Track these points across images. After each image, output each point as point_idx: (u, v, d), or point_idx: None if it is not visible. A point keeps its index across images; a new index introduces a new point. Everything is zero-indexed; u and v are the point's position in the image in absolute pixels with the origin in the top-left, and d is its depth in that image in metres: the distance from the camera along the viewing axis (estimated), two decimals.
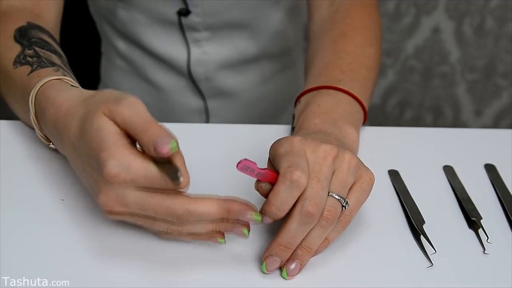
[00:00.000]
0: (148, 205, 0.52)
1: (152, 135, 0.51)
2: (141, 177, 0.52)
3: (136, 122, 0.52)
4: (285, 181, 0.54)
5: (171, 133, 0.52)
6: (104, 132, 0.53)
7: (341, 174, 0.56)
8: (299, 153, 0.56)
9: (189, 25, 0.93)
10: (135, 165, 0.51)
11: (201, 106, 1.02)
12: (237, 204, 0.53)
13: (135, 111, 0.53)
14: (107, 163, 0.51)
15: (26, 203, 0.62)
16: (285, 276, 0.56)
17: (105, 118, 0.53)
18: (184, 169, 0.52)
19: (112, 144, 0.52)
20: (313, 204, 0.54)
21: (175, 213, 0.52)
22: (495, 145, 0.75)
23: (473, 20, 1.68)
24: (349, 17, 0.81)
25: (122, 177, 0.51)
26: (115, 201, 0.52)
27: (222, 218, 0.53)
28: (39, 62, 0.67)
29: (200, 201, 0.52)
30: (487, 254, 0.60)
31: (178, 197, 0.52)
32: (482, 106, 1.83)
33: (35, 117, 0.63)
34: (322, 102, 0.68)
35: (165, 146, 0.50)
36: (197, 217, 0.52)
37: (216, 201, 0.53)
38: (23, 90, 0.65)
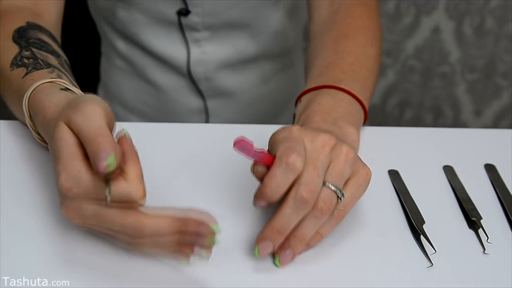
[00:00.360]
0: (103, 219, 0.52)
1: (94, 148, 0.51)
2: (92, 191, 0.51)
3: (85, 133, 0.52)
4: (281, 163, 0.53)
5: (113, 146, 0.51)
6: (61, 143, 0.53)
7: (338, 165, 0.56)
8: (297, 139, 0.55)
9: (188, 25, 0.93)
10: (85, 179, 0.51)
11: (201, 106, 1.01)
12: (193, 219, 0.52)
13: (86, 120, 0.52)
14: (60, 176, 0.51)
15: (26, 203, 0.62)
16: (278, 264, 0.57)
17: (64, 128, 0.53)
18: (135, 181, 0.51)
19: (66, 156, 0.52)
20: (307, 190, 0.54)
21: (128, 228, 0.52)
22: (495, 145, 0.75)
23: (473, 20, 1.68)
24: (349, 17, 0.81)
25: (75, 191, 0.51)
26: (75, 214, 0.53)
27: (180, 232, 0.52)
28: (34, 64, 0.67)
29: (153, 216, 0.52)
30: (487, 254, 0.60)
31: (133, 212, 0.52)
32: (482, 106, 1.83)
33: (30, 120, 0.63)
34: (323, 101, 0.68)
35: (101, 163, 0.50)
36: (151, 232, 0.52)
37: (171, 215, 0.52)
38: (18, 93, 0.65)
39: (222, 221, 0.62)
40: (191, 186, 0.66)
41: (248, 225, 0.62)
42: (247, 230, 0.61)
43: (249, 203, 0.64)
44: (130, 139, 0.55)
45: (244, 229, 0.61)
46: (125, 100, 1.04)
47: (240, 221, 0.62)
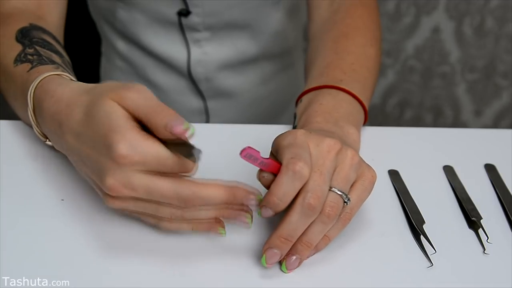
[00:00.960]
0: (156, 188, 0.52)
1: (165, 117, 0.51)
2: (152, 159, 0.52)
3: (147, 105, 0.52)
4: (288, 171, 0.53)
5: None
6: (114, 115, 0.53)
7: (343, 170, 0.56)
8: (303, 145, 0.56)
9: (189, 25, 0.93)
10: (146, 147, 0.52)
11: (201, 106, 1.02)
12: (242, 189, 0.54)
13: (144, 96, 0.53)
14: (118, 145, 0.51)
15: (26, 202, 0.62)
16: (284, 270, 0.57)
17: (113, 103, 0.53)
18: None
19: (123, 126, 0.52)
20: (314, 197, 0.54)
21: (182, 196, 0.52)
22: (495, 145, 0.75)
23: (473, 20, 1.68)
24: (349, 17, 0.81)
25: (133, 159, 0.51)
26: (123, 184, 0.52)
27: (226, 203, 0.54)
28: (39, 60, 0.67)
29: (207, 185, 0.53)
30: (487, 254, 0.60)
31: (185, 180, 0.53)
32: (482, 106, 1.83)
33: (33, 112, 0.63)
34: (324, 101, 0.68)
35: (179, 126, 0.51)
36: (203, 200, 0.53)
37: (222, 185, 0.53)
38: (23, 86, 0.65)
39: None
40: None
41: None
42: (247, 230, 0.61)
43: None
44: None
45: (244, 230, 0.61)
46: None
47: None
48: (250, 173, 0.68)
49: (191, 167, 0.53)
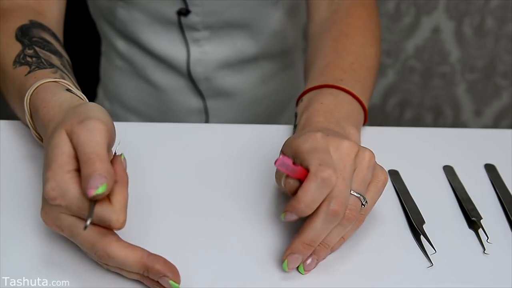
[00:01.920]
0: (76, 235, 0.53)
1: (89, 171, 0.51)
2: (75, 207, 0.52)
3: (84, 151, 0.52)
4: (316, 179, 0.53)
5: (109, 174, 0.51)
6: (56, 150, 0.53)
7: (361, 172, 0.57)
8: (326, 150, 0.56)
9: (188, 24, 0.93)
10: (72, 193, 0.52)
11: (201, 106, 1.01)
12: (159, 265, 0.52)
13: (89, 138, 0.52)
14: (48, 183, 0.52)
15: (26, 203, 0.62)
16: (302, 271, 0.57)
17: (64, 136, 0.54)
18: (119, 209, 0.52)
19: (59, 166, 0.52)
20: (339, 203, 0.54)
21: (96, 252, 0.53)
22: (495, 145, 0.75)
23: (473, 20, 1.68)
24: (349, 16, 0.81)
25: (58, 201, 0.52)
26: (52, 221, 0.54)
27: (143, 273, 0.53)
28: (37, 63, 0.67)
29: (123, 249, 0.52)
30: (487, 254, 0.60)
31: (106, 237, 0.52)
32: (482, 106, 1.83)
33: (30, 118, 0.63)
34: (325, 100, 0.68)
35: (91, 190, 0.50)
36: (116, 263, 0.53)
37: (139, 254, 0.52)
38: (20, 90, 0.65)
39: (222, 220, 0.62)
40: (191, 186, 0.66)
41: (248, 224, 0.62)
42: (247, 229, 0.61)
43: (249, 202, 0.64)
44: (125, 164, 0.55)
45: (243, 228, 0.61)
46: (125, 100, 1.04)
47: (240, 220, 0.62)
48: (249, 172, 0.68)
49: (115, 225, 0.51)
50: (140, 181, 0.62)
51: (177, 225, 0.61)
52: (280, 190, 0.65)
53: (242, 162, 0.69)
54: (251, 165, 0.69)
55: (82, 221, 0.53)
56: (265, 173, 0.67)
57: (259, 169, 0.68)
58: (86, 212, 0.52)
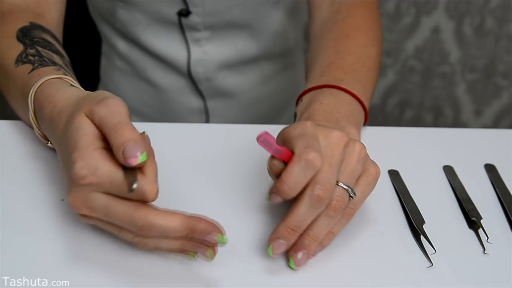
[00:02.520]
0: (113, 212, 0.52)
1: (122, 139, 0.51)
2: (107, 183, 0.51)
3: (110, 123, 0.52)
4: (300, 160, 0.53)
5: (143, 141, 0.52)
6: (80, 132, 0.53)
7: (350, 164, 0.57)
8: (313, 135, 0.56)
9: (189, 25, 0.93)
10: (102, 169, 0.51)
11: (201, 106, 1.01)
12: (203, 223, 0.52)
13: (111, 111, 0.53)
14: (76, 164, 0.51)
15: (26, 203, 0.62)
16: (293, 266, 0.57)
17: (85, 118, 0.53)
18: (152, 180, 0.52)
19: (85, 145, 0.52)
20: (323, 189, 0.54)
21: (137, 224, 0.51)
22: (495, 145, 0.75)
23: (473, 20, 1.68)
24: (350, 17, 0.81)
25: (88, 179, 0.51)
26: (82, 203, 0.52)
27: (187, 235, 0.52)
28: (40, 61, 0.67)
29: (164, 215, 0.52)
30: (487, 254, 0.60)
31: (143, 208, 0.52)
32: (482, 106, 1.83)
33: (34, 115, 0.63)
34: (325, 100, 0.68)
35: (133, 159, 0.50)
36: (159, 231, 0.52)
37: (180, 217, 0.52)
38: (23, 88, 0.65)
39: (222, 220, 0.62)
40: (191, 185, 0.66)
41: (249, 224, 0.62)
42: (248, 229, 0.61)
43: (249, 202, 0.64)
44: (149, 139, 0.55)
45: (245, 228, 0.61)
46: (125, 100, 1.03)
47: (240, 220, 0.62)
48: (249, 172, 0.68)
49: (150, 195, 0.51)
50: None
51: None
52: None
53: (242, 162, 0.69)
54: (251, 165, 0.69)
55: (115, 198, 0.52)
56: (265, 173, 0.67)
57: (259, 169, 0.68)
58: (119, 187, 0.51)
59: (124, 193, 0.51)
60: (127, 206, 0.52)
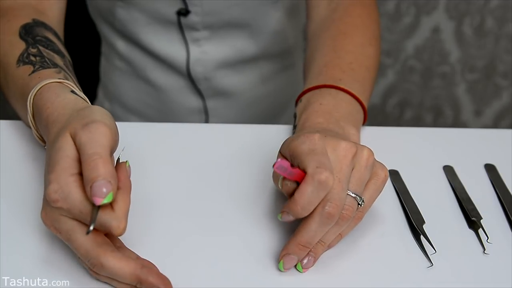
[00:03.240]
0: (73, 240, 0.53)
1: (93, 174, 0.51)
2: (76, 211, 0.52)
3: (86, 152, 0.52)
4: (313, 181, 0.53)
5: (113, 179, 0.51)
6: (61, 153, 0.53)
7: (359, 172, 0.57)
8: (323, 152, 0.56)
9: (188, 24, 0.93)
10: (74, 197, 0.52)
11: (201, 106, 1.01)
12: (152, 278, 0.52)
13: (92, 139, 0.52)
14: (50, 185, 0.52)
15: (26, 203, 0.62)
16: (300, 269, 0.57)
17: (68, 139, 0.54)
18: (120, 216, 0.52)
19: (62, 168, 0.52)
20: (334, 206, 0.54)
21: (89, 260, 0.52)
22: (495, 145, 0.75)
23: (473, 20, 1.68)
24: (348, 16, 0.81)
25: (59, 204, 0.52)
26: (51, 223, 0.53)
27: (136, 284, 0.53)
28: (41, 63, 0.67)
29: (117, 260, 0.52)
30: (487, 254, 0.60)
31: (100, 247, 0.52)
32: (482, 106, 1.83)
33: (33, 118, 0.63)
34: (324, 101, 0.68)
35: (99, 198, 0.50)
36: (109, 274, 0.52)
37: (132, 266, 0.52)
38: (23, 90, 0.65)
39: (222, 220, 0.62)
40: (190, 185, 0.66)
41: (248, 223, 0.62)
42: (247, 229, 0.61)
43: (249, 202, 0.64)
44: (129, 171, 0.55)
45: (243, 228, 0.61)
46: (124, 101, 1.04)
47: (240, 220, 0.62)
48: (249, 172, 0.68)
49: (115, 231, 0.51)
50: (140, 181, 0.62)
51: (177, 224, 0.61)
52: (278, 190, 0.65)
53: (242, 162, 0.69)
54: (251, 165, 0.69)
55: (81, 225, 0.53)
56: (264, 173, 0.67)
57: (259, 169, 0.68)
58: (87, 216, 0.51)
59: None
60: (87, 240, 0.52)
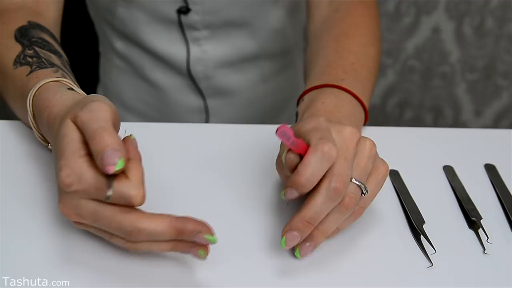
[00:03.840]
0: (101, 218, 0.52)
1: (100, 146, 0.51)
2: (93, 189, 0.51)
3: (90, 128, 0.52)
4: (317, 152, 0.53)
5: (122, 147, 0.51)
6: (66, 139, 0.53)
7: (362, 160, 0.57)
8: (327, 129, 0.56)
9: (188, 23, 0.93)
10: (87, 176, 0.51)
11: (201, 105, 1.01)
12: (190, 224, 0.52)
13: (93, 116, 0.52)
14: (62, 171, 0.51)
15: (26, 203, 0.62)
16: (298, 255, 0.57)
17: (70, 124, 0.54)
18: (137, 184, 0.51)
19: (70, 152, 0.52)
20: (340, 181, 0.54)
21: (125, 229, 0.52)
22: (495, 145, 0.75)
23: (473, 20, 1.68)
24: (349, 16, 0.81)
25: (74, 187, 0.51)
26: (72, 211, 0.53)
27: (176, 237, 0.52)
28: (38, 63, 0.67)
29: (151, 219, 0.52)
30: (487, 254, 0.60)
31: (130, 213, 0.52)
32: (482, 106, 1.83)
33: (33, 118, 0.63)
34: (326, 100, 0.68)
35: (111, 167, 0.50)
36: (148, 235, 0.52)
37: (168, 219, 0.52)
38: (22, 91, 0.65)
39: (222, 220, 0.62)
40: (191, 185, 0.66)
41: (250, 223, 0.62)
42: (250, 228, 0.61)
43: (250, 201, 0.64)
44: (136, 143, 0.55)
45: (245, 227, 0.61)
46: (124, 100, 1.04)
47: (241, 220, 0.62)
48: (249, 172, 0.68)
49: (135, 200, 0.51)
50: None
51: None
52: (280, 188, 0.65)
53: (242, 162, 0.69)
54: (251, 165, 0.69)
55: (103, 204, 0.52)
56: (264, 172, 0.67)
57: (259, 168, 0.68)
58: (105, 192, 0.51)
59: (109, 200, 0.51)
60: (114, 212, 0.52)
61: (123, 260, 0.57)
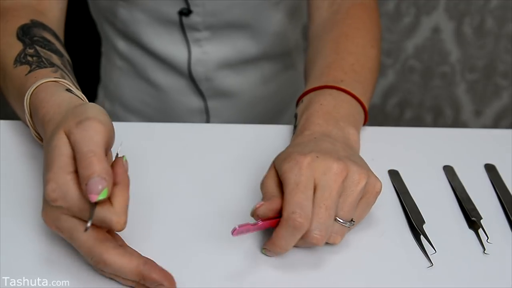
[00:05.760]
0: (75, 238, 0.53)
1: (87, 172, 0.51)
2: (76, 208, 0.52)
3: (81, 150, 0.52)
4: (288, 227, 0.55)
5: (107, 175, 0.51)
6: (57, 151, 0.53)
7: (350, 196, 0.57)
8: (307, 187, 0.56)
9: (189, 24, 0.93)
10: (72, 195, 0.51)
11: (202, 106, 1.02)
12: (155, 274, 0.52)
13: (86, 137, 0.52)
14: (48, 185, 0.52)
15: (26, 203, 0.62)
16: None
17: (63, 137, 0.54)
18: (120, 211, 0.52)
19: (59, 166, 0.52)
20: (318, 234, 0.55)
21: (93, 258, 0.52)
22: (495, 145, 0.75)
23: (473, 20, 1.68)
24: (350, 17, 0.81)
25: (59, 203, 0.52)
26: (52, 222, 0.53)
27: (139, 281, 0.53)
28: (38, 62, 0.67)
29: (120, 256, 0.52)
30: (487, 254, 0.60)
31: (103, 242, 0.52)
32: (482, 106, 1.83)
33: (30, 118, 0.63)
34: (324, 101, 0.68)
35: (94, 195, 0.50)
36: (112, 270, 0.52)
37: (136, 262, 0.52)
38: (20, 90, 0.65)
39: (221, 220, 0.62)
40: (191, 185, 0.66)
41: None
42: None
43: (250, 201, 0.64)
44: (127, 166, 0.55)
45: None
46: (125, 101, 1.04)
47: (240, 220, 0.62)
48: (249, 172, 0.68)
49: (116, 226, 0.51)
50: (140, 181, 0.62)
51: (177, 225, 0.61)
52: None
53: (243, 162, 0.69)
54: (252, 165, 0.69)
55: (82, 223, 0.52)
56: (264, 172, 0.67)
57: (260, 169, 0.68)
58: (87, 214, 0.51)
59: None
60: (88, 237, 0.52)
61: None
